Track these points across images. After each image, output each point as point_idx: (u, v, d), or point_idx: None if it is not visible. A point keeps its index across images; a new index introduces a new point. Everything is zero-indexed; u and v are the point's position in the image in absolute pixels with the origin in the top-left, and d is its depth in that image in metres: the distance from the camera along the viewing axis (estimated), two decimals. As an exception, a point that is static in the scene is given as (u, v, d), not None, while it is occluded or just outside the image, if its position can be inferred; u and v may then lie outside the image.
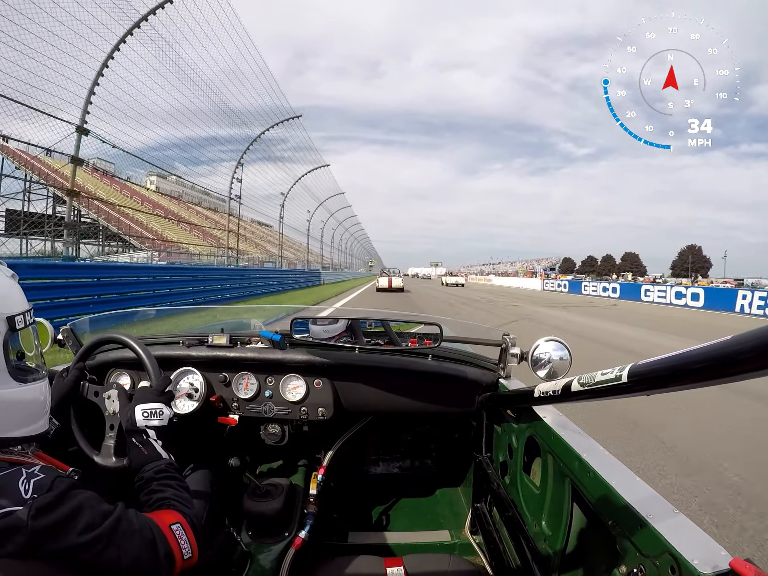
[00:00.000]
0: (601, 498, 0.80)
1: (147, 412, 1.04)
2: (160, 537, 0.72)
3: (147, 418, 1.04)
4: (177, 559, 0.73)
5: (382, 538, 1.62)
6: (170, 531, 0.74)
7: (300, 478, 1.61)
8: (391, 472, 1.98)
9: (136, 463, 0.96)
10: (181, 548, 0.74)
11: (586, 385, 0.74)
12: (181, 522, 0.78)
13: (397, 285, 25.80)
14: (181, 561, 0.74)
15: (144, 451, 0.98)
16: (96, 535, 0.63)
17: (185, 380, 1.46)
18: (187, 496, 0.89)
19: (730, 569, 0.54)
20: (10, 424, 0.72)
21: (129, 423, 1.03)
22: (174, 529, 0.75)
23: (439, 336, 1.49)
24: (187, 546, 0.75)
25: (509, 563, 1.17)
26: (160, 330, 2.33)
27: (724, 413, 4.27)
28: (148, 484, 0.89)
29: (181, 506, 0.83)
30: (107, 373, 1.49)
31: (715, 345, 0.47)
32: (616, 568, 0.75)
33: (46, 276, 7.51)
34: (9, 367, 0.72)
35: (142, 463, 0.95)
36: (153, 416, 1.04)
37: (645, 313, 15.88)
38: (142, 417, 1.03)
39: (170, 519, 0.77)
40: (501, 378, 1.45)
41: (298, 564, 1.28)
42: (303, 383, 1.46)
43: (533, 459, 1.19)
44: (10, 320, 0.74)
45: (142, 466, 0.94)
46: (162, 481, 0.89)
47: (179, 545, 0.74)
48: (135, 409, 1.04)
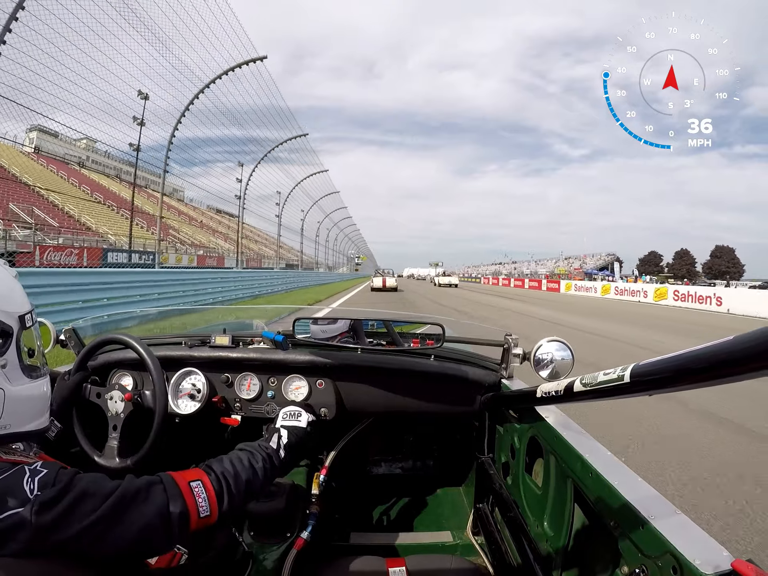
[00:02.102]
0: (602, 498, 0.80)
1: (286, 414, 1.28)
2: (175, 495, 0.72)
3: (284, 419, 1.27)
4: (192, 516, 0.73)
5: (385, 538, 1.62)
6: (188, 488, 0.75)
7: (302, 479, 1.61)
8: (394, 473, 1.98)
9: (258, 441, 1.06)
10: (198, 505, 0.74)
11: (589, 386, 0.74)
12: (203, 479, 0.79)
13: (391, 285, 25.41)
14: (196, 518, 0.74)
15: (264, 434, 1.14)
16: (97, 517, 0.63)
17: (187, 381, 1.46)
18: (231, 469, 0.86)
19: (732, 570, 0.54)
20: (25, 419, 0.75)
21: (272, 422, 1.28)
22: (193, 486, 0.76)
23: (442, 336, 1.49)
24: (206, 504, 0.76)
25: (511, 564, 1.17)
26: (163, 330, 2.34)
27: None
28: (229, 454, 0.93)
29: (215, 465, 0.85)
30: (109, 374, 1.49)
31: (717, 345, 0.47)
32: (618, 568, 0.75)
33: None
34: (22, 364, 0.75)
35: (257, 442, 1.04)
36: (291, 418, 1.27)
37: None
38: (281, 418, 1.27)
39: (192, 476, 0.78)
40: (503, 378, 1.45)
41: (300, 564, 1.28)
42: (305, 384, 1.46)
43: (535, 459, 1.19)
44: (21, 319, 0.76)
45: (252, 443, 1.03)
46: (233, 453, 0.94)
47: (196, 502, 0.74)
48: (280, 412, 1.30)
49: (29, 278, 6.17)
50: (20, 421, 0.73)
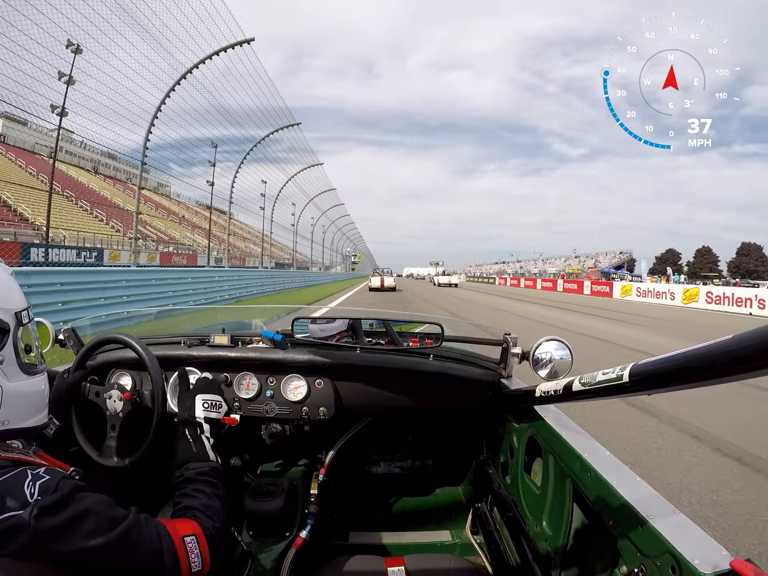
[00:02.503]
0: (601, 498, 0.80)
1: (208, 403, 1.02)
2: (169, 548, 0.72)
3: (207, 409, 1.01)
4: (183, 571, 0.73)
5: (383, 538, 1.62)
6: (182, 542, 0.74)
7: (301, 478, 1.61)
8: (392, 472, 1.98)
9: (182, 458, 0.94)
10: (190, 561, 0.74)
11: (588, 385, 0.74)
12: (197, 534, 0.77)
13: (390, 284, 24.85)
14: (188, 573, 0.73)
15: (193, 448, 0.96)
16: (105, 542, 0.63)
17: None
18: (218, 506, 0.87)
19: (731, 569, 0.54)
20: (23, 415, 0.75)
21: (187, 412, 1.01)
22: (187, 541, 0.75)
23: (441, 336, 1.49)
24: (198, 559, 0.75)
25: (510, 563, 1.17)
26: None
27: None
28: (184, 486, 0.88)
29: (204, 518, 0.82)
30: (108, 373, 1.49)
31: (716, 344, 0.47)
32: (617, 568, 0.75)
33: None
34: (19, 360, 0.75)
35: (188, 460, 0.93)
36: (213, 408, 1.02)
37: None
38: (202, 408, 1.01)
39: (186, 530, 0.77)
40: (502, 378, 1.45)
41: (299, 564, 1.28)
42: (304, 383, 1.46)
43: (534, 459, 1.19)
44: (17, 315, 0.76)
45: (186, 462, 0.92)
46: (198, 486, 0.88)
47: (188, 557, 0.74)
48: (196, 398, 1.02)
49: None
50: (18, 418, 0.73)
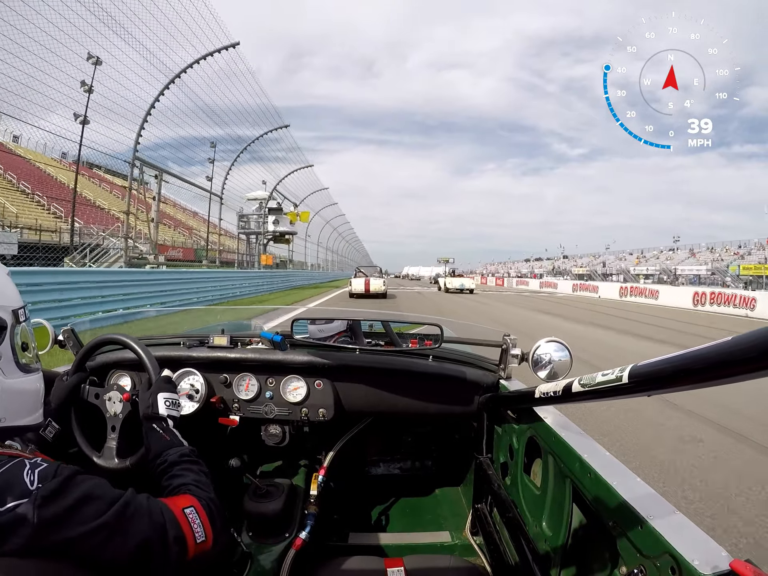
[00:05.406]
0: (601, 498, 0.80)
1: (169, 402, 1.06)
2: (171, 520, 0.72)
3: (168, 407, 1.05)
4: (189, 542, 0.73)
5: (383, 538, 1.61)
6: (183, 514, 0.74)
7: (300, 479, 1.61)
8: (392, 473, 1.98)
9: (158, 447, 0.96)
10: (193, 531, 0.74)
11: (587, 386, 0.74)
12: (195, 505, 0.78)
13: (377, 289, 17.84)
14: (193, 544, 0.73)
15: (166, 437, 0.99)
16: (102, 522, 0.62)
17: (186, 381, 1.46)
18: (207, 481, 0.88)
19: (731, 570, 0.54)
20: (19, 413, 0.75)
21: (150, 409, 1.04)
22: (187, 513, 0.75)
23: (440, 337, 1.49)
24: (201, 530, 0.75)
25: (510, 564, 1.17)
26: None
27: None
28: (170, 469, 0.89)
29: (198, 491, 0.83)
30: (107, 374, 1.49)
31: (716, 346, 0.47)
32: (617, 568, 0.75)
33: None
34: (15, 358, 0.75)
35: (165, 447, 0.95)
36: (173, 406, 1.06)
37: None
38: (164, 405, 1.04)
39: (184, 503, 0.77)
40: (501, 379, 1.45)
41: (298, 565, 1.28)
42: (304, 384, 1.46)
43: (534, 460, 1.19)
44: (15, 313, 0.76)
45: (164, 450, 0.95)
46: (183, 466, 0.90)
47: (192, 528, 0.74)
48: (158, 396, 1.05)
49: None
50: (15, 415, 0.74)
